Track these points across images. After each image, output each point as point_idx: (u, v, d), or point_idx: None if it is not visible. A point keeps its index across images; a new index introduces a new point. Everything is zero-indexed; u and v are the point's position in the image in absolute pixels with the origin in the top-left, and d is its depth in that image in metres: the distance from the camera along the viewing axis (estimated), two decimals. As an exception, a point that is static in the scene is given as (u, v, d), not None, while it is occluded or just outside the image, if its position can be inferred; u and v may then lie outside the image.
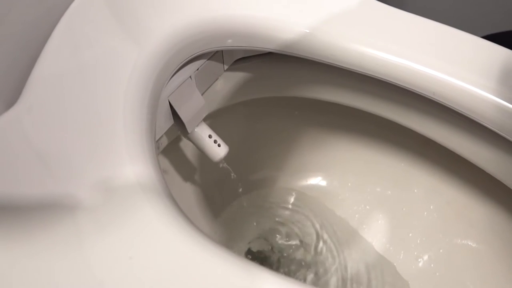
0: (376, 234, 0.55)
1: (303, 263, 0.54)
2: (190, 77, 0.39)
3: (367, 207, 0.56)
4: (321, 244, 0.55)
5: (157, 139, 0.39)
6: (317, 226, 0.56)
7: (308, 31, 0.36)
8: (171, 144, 0.45)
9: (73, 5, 0.34)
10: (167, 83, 0.36)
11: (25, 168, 0.27)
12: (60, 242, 0.24)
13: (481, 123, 0.34)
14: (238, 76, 0.45)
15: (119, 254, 0.24)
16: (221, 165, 0.43)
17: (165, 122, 0.39)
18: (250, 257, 0.55)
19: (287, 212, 0.57)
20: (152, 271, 0.24)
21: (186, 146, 0.49)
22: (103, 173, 0.27)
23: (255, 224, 0.56)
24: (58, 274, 0.24)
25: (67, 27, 0.33)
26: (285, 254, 0.55)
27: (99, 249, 0.24)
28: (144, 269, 0.24)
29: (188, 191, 0.51)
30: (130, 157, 0.28)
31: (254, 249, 0.56)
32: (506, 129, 0.33)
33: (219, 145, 0.41)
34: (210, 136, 0.41)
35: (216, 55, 0.41)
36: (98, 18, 0.34)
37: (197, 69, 0.40)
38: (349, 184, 0.58)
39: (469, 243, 0.50)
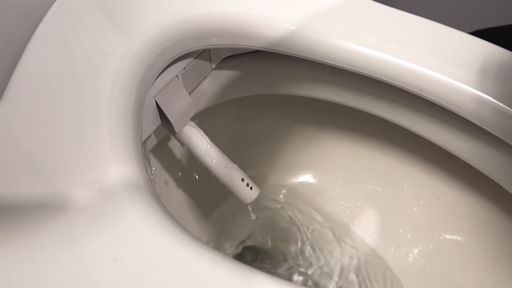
0: (366, 230, 0.55)
1: (293, 260, 0.54)
2: (177, 76, 0.39)
3: (358, 203, 0.57)
4: (312, 240, 0.55)
5: (144, 139, 0.39)
6: (308, 222, 0.56)
7: (294, 28, 0.35)
8: (159, 143, 0.45)
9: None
10: (154, 82, 0.35)
11: (13, 168, 0.27)
12: (51, 243, 0.24)
13: (468, 118, 0.34)
14: (226, 75, 0.45)
15: (103, 257, 0.24)
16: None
17: (152, 122, 0.38)
18: (242, 255, 0.55)
19: (278, 209, 0.57)
20: (137, 274, 0.23)
21: (175, 146, 0.48)
22: (88, 174, 0.27)
23: (246, 222, 0.56)
24: (51, 275, 0.23)
25: (52, 22, 0.32)
26: (276, 252, 0.55)
27: (83, 251, 0.24)
28: (128, 272, 0.23)
29: (177, 192, 0.51)
30: (115, 158, 0.27)
31: (246, 248, 0.55)
32: (492, 124, 0.33)
33: (251, 188, 0.43)
34: (242, 180, 0.42)
35: (203, 54, 0.41)
36: (84, 14, 0.33)
37: (184, 68, 0.39)
38: (340, 181, 0.58)
39: (458, 238, 0.51)
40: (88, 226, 0.25)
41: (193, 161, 0.43)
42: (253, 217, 0.46)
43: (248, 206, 0.45)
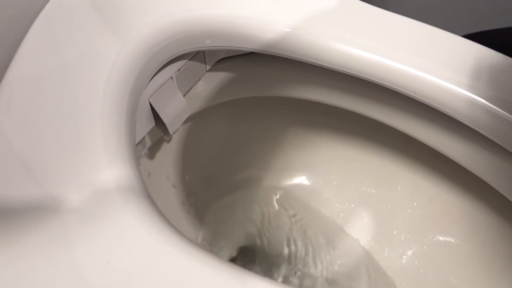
0: (361, 232, 0.55)
1: (288, 262, 0.54)
2: (172, 77, 0.39)
3: (352, 205, 0.57)
4: (306, 242, 0.55)
5: (138, 140, 0.39)
6: (302, 224, 0.56)
7: (289, 30, 0.35)
8: (154, 145, 0.45)
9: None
10: (148, 84, 0.35)
11: (5, 170, 0.26)
12: (43, 245, 0.24)
13: (461, 120, 0.34)
14: (220, 76, 0.45)
15: (96, 259, 0.23)
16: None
17: (146, 123, 0.38)
18: (236, 258, 0.55)
19: (272, 211, 0.57)
20: (130, 276, 0.23)
21: (169, 147, 0.48)
22: (81, 177, 0.27)
23: (240, 224, 0.56)
24: (44, 277, 0.23)
25: (45, 23, 0.32)
26: (270, 254, 0.55)
27: (76, 253, 0.24)
28: (121, 274, 0.23)
29: (171, 193, 0.51)
30: (108, 160, 0.27)
31: (240, 250, 0.55)
32: (484, 126, 0.33)
33: None
34: None
35: (198, 55, 0.41)
36: (78, 15, 0.33)
37: (179, 70, 0.39)
38: (334, 183, 0.58)
39: (451, 240, 0.51)
40: (81, 228, 0.25)
41: (188, 163, 0.43)
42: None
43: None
